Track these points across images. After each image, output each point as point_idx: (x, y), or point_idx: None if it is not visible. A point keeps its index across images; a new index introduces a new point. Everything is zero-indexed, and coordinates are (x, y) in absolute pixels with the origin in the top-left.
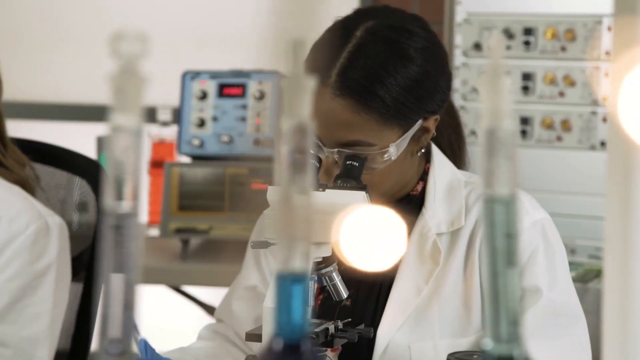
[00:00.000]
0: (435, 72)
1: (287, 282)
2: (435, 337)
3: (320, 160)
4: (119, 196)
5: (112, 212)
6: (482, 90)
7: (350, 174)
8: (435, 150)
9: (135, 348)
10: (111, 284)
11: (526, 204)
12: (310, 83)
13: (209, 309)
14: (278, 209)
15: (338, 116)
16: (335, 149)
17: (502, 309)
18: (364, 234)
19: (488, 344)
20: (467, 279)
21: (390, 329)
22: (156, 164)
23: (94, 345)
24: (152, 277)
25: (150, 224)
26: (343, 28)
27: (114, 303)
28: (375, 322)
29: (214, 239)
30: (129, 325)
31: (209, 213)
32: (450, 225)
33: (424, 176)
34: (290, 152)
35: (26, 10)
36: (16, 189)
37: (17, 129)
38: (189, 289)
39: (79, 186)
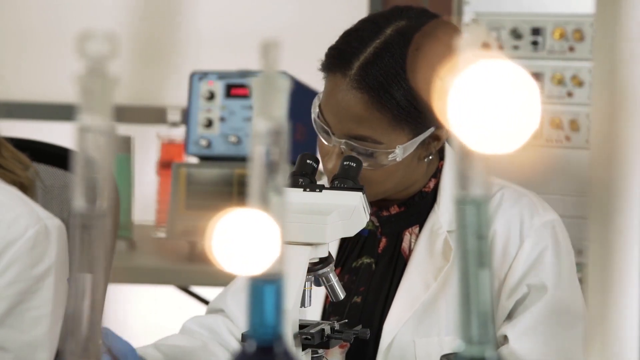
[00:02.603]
0: None
1: (259, 282)
2: (440, 334)
3: (317, 161)
4: (89, 196)
5: (81, 213)
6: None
7: (347, 174)
8: (449, 148)
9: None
10: (78, 283)
11: (537, 205)
12: (283, 83)
13: None
14: (254, 208)
15: (351, 108)
16: (343, 140)
17: (473, 310)
18: (237, 236)
19: (460, 346)
20: None
21: (397, 324)
22: (165, 165)
23: None
24: (160, 278)
25: (159, 224)
26: (375, 22)
27: (81, 303)
28: (384, 318)
29: None
30: (95, 326)
31: (216, 213)
32: None
33: (437, 173)
34: (265, 153)
35: (30, 11)
36: (15, 192)
37: (23, 129)
38: (197, 289)
39: None
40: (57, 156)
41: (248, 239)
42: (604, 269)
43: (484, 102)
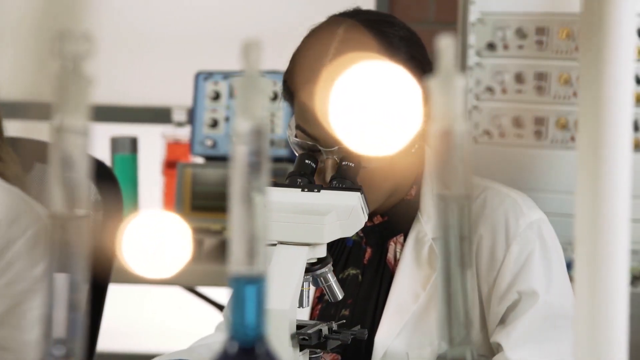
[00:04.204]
0: (421, 57)
1: (241, 283)
2: (433, 343)
3: (316, 161)
4: (67, 197)
5: (59, 213)
6: (434, 92)
7: (345, 174)
8: (430, 155)
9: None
10: (56, 284)
11: (521, 205)
12: (264, 83)
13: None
14: (236, 208)
15: None
16: (336, 147)
17: (455, 311)
18: (147, 239)
19: (441, 347)
20: None
21: (388, 336)
22: (171, 165)
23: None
24: (166, 278)
25: None
26: (323, 30)
27: (59, 303)
28: (374, 330)
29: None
30: (74, 327)
31: (221, 214)
32: None
33: (417, 180)
34: (248, 153)
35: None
36: (15, 191)
37: (32, 129)
38: (203, 289)
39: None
40: None
41: (158, 241)
42: (592, 267)
43: (365, 103)
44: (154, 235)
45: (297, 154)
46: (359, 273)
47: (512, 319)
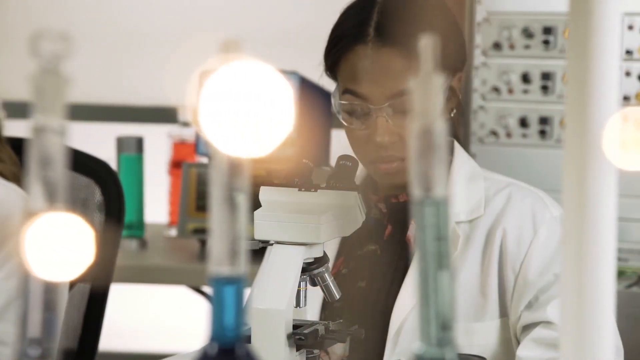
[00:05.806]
0: (457, 23)
1: (220, 283)
2: None
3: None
4: (46, 197)
5: (36, 213)
6: (414, 91)
7: (343, 174)
8: (457, 145)
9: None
10: (31, 283)
11: (545, 200)
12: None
13: None
14: (217, 207)
15: (386, 66)
16: (386, 104)
17: (432, 312)
18: (49, 241)
19: (420, 348)
20: (484, 266)
21: (405, 309)
22: (176, 164)
23: (102, 345)
24: (172, 278)
25: (171, 224)
26: (362, 1)
27: (34, 303)
28: (389, 302)
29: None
30: (50, 326)
31: None
32: (469, 214)
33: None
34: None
35: (45, 10)
36: (12, 187)
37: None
38: (209, 289)
39: (92, 187)
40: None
41: (60, 244)
42: (579, 267)
43: (235, 104)
44: (55, 237)
45: (344, 124)
46: (377, 248)
47: (547, 299)
